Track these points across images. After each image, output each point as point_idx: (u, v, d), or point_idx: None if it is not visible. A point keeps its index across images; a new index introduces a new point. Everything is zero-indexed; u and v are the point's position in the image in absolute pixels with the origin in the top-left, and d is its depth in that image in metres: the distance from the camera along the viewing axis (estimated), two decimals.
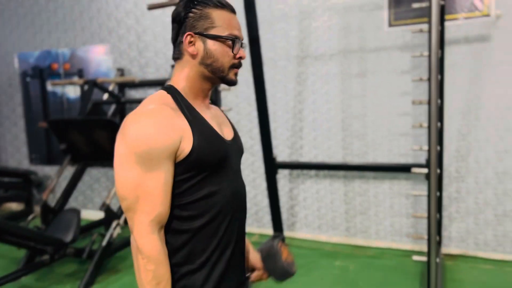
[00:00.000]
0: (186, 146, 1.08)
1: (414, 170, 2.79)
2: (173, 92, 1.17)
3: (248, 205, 4.45)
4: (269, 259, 1.37)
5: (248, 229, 4.54)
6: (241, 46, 1.20)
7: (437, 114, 2.40)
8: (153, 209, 1.06)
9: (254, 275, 1.39)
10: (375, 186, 3.94)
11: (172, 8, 4.34)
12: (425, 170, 2.57)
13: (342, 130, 3.99)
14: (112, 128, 3.72)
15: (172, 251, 1.13)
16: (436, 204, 2.45)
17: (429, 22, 2.33)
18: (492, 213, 3.58)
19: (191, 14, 1.15)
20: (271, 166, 3.98)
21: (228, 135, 1.25)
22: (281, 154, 4.23)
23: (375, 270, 3.53)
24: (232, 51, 1.17)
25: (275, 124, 4.21)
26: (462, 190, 3.66)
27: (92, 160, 4.20)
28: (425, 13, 3.47)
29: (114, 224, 3.66)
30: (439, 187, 3.48)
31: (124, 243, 3.87)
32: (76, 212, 3.74)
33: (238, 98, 4.38)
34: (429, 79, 2.41)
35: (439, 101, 2.49)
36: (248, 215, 4.45)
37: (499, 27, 3.39)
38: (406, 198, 3.85)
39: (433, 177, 2.43)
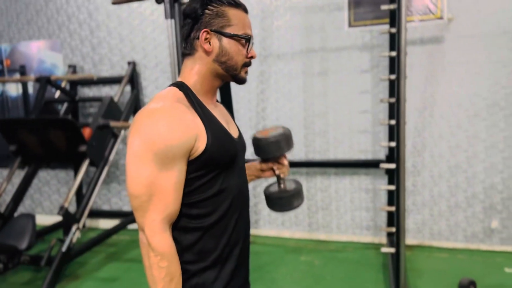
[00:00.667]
0: (201, 144, 1.08)
1: (383, 165, 2.91)
2: (185, 89, 1.15)
3: None
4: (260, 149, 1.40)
5: None
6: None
7: (404, 111, 2.52)
8: (165, 208, 1.05)
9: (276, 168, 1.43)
10: (336, 182, 4.06)
11: (137, 3, 4.23)
12: (393, 165, 2.69)
13: (305, 128, 4.07)
14: (70, 127, 3.54)
15: (181, 249, 1.12)
16: (404, 197, 2.58)
17: (398, 24, 2.44)
18: (445, 205, 3.81)
19: (207, 11, 1.15)
20: None
21: (234, 132, 1.26)
22: None
23: (339, 263, 3.64)
24: (246, 50, 1.19)
25: (238, 122, 4.18)
26: (418, 184, 3.86)
27: (45, 161, 3.97)
28: (383, 14, 3.64)
29: (73, 228, 3.49)
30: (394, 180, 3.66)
31: (83, 248, 3.71)
32: (31, 217, 3.53)
33: None
34: (397, 78, 2.52)
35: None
36: None
37: (451, 30, 3.61)
38: (365, 192, 4.00)
39: (402, 171, 2.56)
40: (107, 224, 4.70)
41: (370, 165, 3.85)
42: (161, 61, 4.44)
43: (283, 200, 1.40)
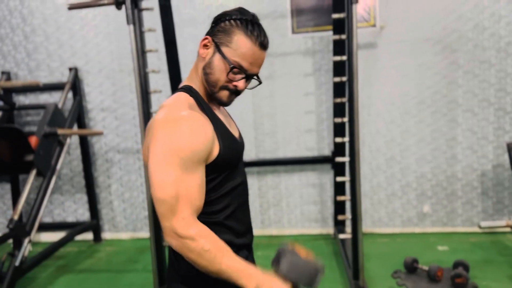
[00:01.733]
0: (215, 149, 1.17)
1: (338, 159, 3.17)
2: (195, 94, 1.24)
3: (137, 210, 4.55)
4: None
5: (143, 234, 4.55)
6: (247, 79, 1.23)
7: (357, 109, 2.80)
8: (192, 205, 1.12)
9: None
10: (286, 179, 4.30)
11: (95, 9, 4.13)
12: (346, 159, 2.96)
13: (254, 129, 4.25)
14: (17, 136, 3.38)
15: None
16: (360, 186, 2.85)
17: (349, 30, 2.70)
18: (383, 194, 4.21)
19: (222, 24, 1.20)
20: None
21: (235, 133, 1.36)
22: None
23: None
24: (227, 76, 1.20)
25: None
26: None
27: None
28: (323, 22, 3.96)
29: (25, 241, 3.34)
30: (341, 173, 3.98)
31: (34, 262, 3.54)
32: None
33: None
34: (349, 80, 2.79)
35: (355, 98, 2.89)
36: (138, 220, 4.54)
37: (383, 36, 4.02)
38: (313, 187, 4.28)
39: (357, 162, 2.83)
40: (49, 237, 4.50)
41: (318, 161, 4.14)
42: (105, 66, 4.37)
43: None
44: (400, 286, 3.12)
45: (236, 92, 1.23)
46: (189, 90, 1.24)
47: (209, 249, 1.09)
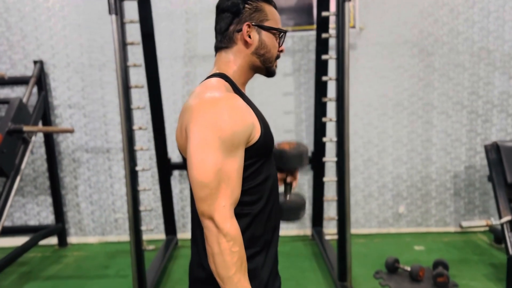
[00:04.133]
0: (256, 133, 1.11)
1: (325, 159, 3.12)
2: (229, 80, 1.18)
3: (106, 212, 4.35)
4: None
5: (112, 238, 4.34)
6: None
7: (348, 108, 2.77)
8: (232, 193, 1.06)
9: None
10: None
11: None
12: (334, 159, 2.92)
13: None
14: None
15: None
16: (349, 188, 2.82)
17: (341, 29, 2.67)
18: (361, 195, 4.22)
19: (247, 6, 1.19)
20: (166, 168, 3.89)
21: None
22: (171, 154, 4.15)
23: None
24: (280, 44, 1.25)
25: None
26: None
27: None
28: (303, 21, 3.91)
29: None
30: (321, 174, 3.96)
31: None
32: None
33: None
34: (341, 78, 2.75)
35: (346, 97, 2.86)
36: (107, 223, 4.33)
37: (362, 38, 4.03)
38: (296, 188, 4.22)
39: (347, 163, 2.79)
40: (9, 242, 4.18)
41: (320, 160, 4.07)
42: (73, 60, 4.12)
43: (292, 210, 1.42)
44: (383, 287, 3.12)
45: (279, 57, 1.29)
46: (223, 76, 1.19)
47: (235, 251, 1.04)
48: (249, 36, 1.20)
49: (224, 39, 1.22)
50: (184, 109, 1.14)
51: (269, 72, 1.28)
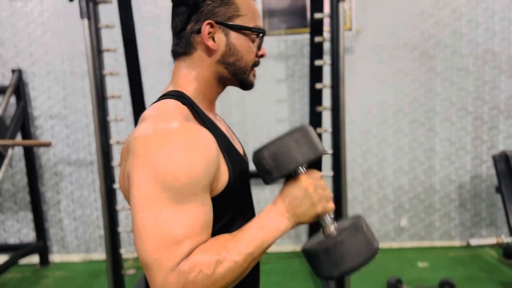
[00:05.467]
0: (222, 175, 0.85)
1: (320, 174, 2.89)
2: (188, 102, 0.90)
3: (90, 228, 4.04)
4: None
5: (97, 256, 4.08)
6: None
7: (344, 118, 2.54)
8: (194, 246, 0.77)
9: None
10: (257, 192, 3.97)
11: (43, 4, 3.69)
12: (330, 173, 2.70)
13: None
14: None
15: None
16: (347, 202, 2.60)
17: (335, 33, 2.44)
18: (360, 208, 3.98)
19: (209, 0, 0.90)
20: None
21: (240, 150, 1.04)
22: None
23: (267, 276, 3.55)
24: (258, 47, 0.97)
25: None
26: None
27: None
28: (296, 24, 3.69)
29: None
30: None
31: None
32: None
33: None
34: (333, 86, 2.53)
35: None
36: (92, 240, 4.07)
37: (359, 41, 3.80)
38: None
39: (343, 177, 2.58)
40: None
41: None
42: (54, 68, 3.89)
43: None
44: None
45: (258, 64, 0.99)
46: (180, 96, 0.90)
47: (223, 270, 0.76)
48: (213, 39, 0.91)
49: (180, 43, 0.94)
50: (127, 145, 0.86)
51: (243, 84, 0.99)
